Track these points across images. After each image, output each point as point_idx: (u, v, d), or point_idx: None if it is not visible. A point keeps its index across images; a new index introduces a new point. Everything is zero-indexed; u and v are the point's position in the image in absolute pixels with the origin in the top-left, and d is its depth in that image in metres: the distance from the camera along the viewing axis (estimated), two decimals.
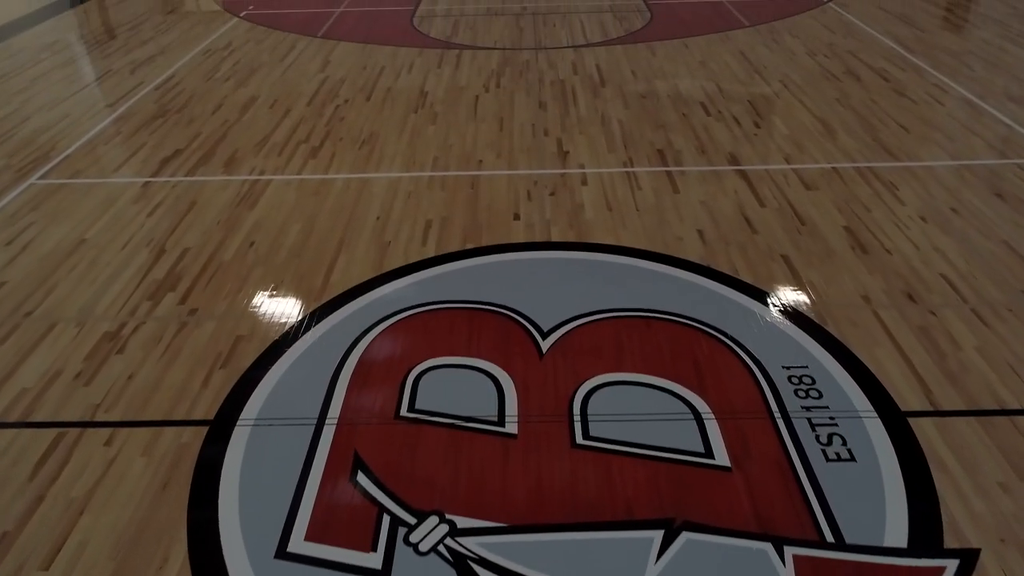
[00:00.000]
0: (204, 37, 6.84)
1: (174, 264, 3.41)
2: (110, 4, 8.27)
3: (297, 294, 3.16)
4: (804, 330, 2.85)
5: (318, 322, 2.97)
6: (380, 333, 2.89)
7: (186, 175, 4.24)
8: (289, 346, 2.83)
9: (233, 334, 2.93)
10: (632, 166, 4.19)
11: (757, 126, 4.65)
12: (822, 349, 2.75)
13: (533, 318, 2.94)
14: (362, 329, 2.91)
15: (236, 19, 7.41)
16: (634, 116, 4.84)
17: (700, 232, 3.52)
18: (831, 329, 2.86)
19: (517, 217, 3.70)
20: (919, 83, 5.25)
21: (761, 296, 3.06)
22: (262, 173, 4.24)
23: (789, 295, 3.06)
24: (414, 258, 3.39)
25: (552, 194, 3.91)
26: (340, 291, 3.17)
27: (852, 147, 4.33)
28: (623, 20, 7.00)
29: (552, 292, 3.10)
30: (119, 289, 3.25)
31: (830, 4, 7.30)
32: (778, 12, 7.07)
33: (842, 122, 4.66)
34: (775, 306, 2.99)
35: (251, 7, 7.84)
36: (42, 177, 4.28)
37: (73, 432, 2.49)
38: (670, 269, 3.25)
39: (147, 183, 4.17)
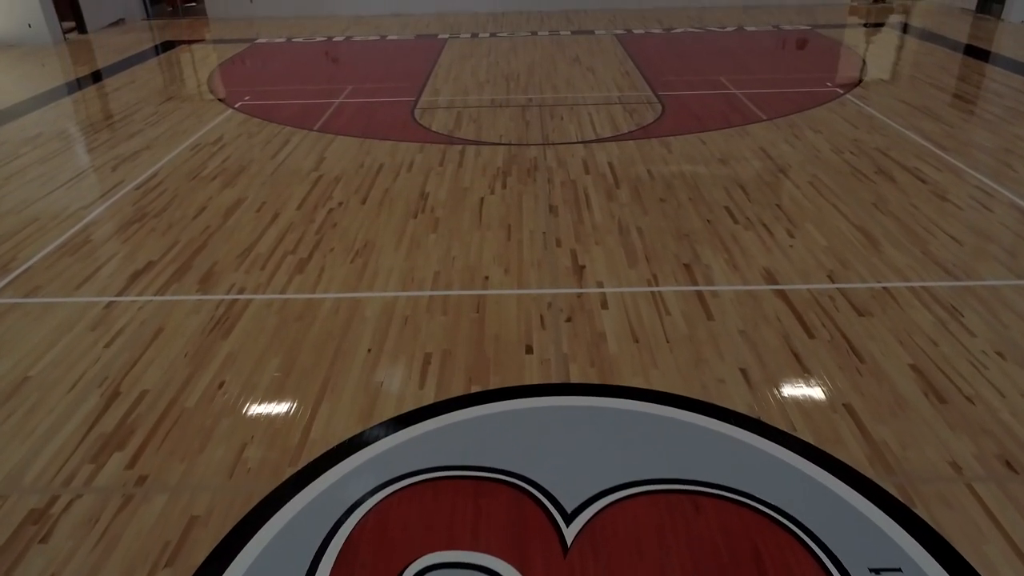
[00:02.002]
0: (195, 130, 6.52)
1: (128, 412, 2.90)
2: (110, 90, 8.05)
3: (268, 457, 2.64)
4: (889, 514, 2.31)
5: (291, 498, 2.43)
6: (365, 516, 2.35)
7: (156, 293, 3.78)
8: (252, 535, 2.29)
9: (187, 513, 2.40)
10: (657, 284, 3.73)
11: (791, 235, 4.22)
12: (914, 542, 2.21)
13: (553, 493, 2.41)
14: (343, 510, 2.37)
15: (231, 110, 7.13)
16: (654, 223, 4.42)
17: (744, 372, 3.02)
18: (920, 512, 2.32)
19: (530, 350, 3.21)
20: (960, 185, 4.86)
21: (828, 463, 2.53)
22: (241, 291, 3.78)
23: (862, 462, 2.53)
24: (410, 405, 2.88)
25: (568, 320, 3.43)
26: (321, 451, 2.65)
27: (901, 262, 3.88)
28: (633, 113, 6.70)
29: (575, 455, 2.58)
30: (58, 447, 2.73)
31: (847, 96, 7.04)
32: (795, 105, 6.78)
33: (884, 231, 4.23)
34: (848, 479, 2.46)
35: (247, 97, 7.58)
36: None
37: None
38: (714, 423, 2.74)
39: (111, 303, 3.70)
